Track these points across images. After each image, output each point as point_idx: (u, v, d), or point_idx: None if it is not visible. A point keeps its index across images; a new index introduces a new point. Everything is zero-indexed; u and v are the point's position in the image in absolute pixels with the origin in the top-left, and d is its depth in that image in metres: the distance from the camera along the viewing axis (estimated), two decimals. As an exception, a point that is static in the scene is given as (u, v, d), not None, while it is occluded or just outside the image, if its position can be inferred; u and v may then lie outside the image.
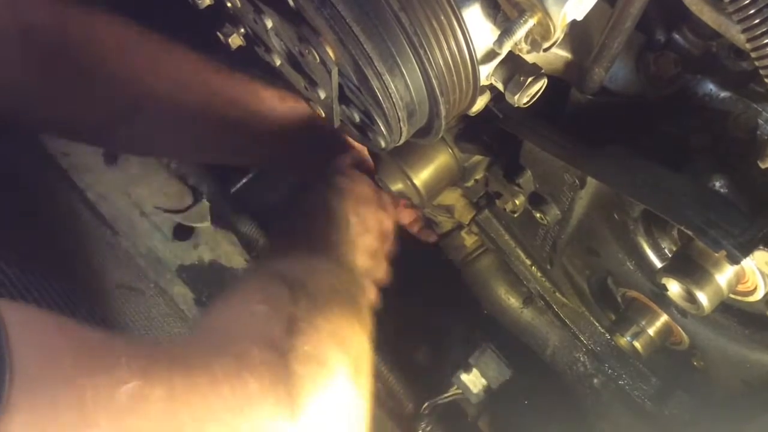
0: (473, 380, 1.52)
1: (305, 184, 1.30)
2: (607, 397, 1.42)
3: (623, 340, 1.16)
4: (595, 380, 1.44)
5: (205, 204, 1.59)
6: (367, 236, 1.22)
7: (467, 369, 1.52)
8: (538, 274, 1.43)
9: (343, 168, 1.28)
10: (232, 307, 0.95)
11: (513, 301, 1.51)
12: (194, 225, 1.57)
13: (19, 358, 0.63)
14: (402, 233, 1.44)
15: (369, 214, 1.24)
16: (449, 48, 0.78)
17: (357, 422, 0.89)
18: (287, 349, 0.83)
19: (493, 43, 0.79)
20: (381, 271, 1.26)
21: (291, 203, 1.31)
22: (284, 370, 0.81)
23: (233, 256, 1.56)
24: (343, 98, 0.86)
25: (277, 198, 1.63)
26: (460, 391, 1.53)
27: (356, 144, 1.33)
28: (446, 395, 1.56)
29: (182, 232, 1.56)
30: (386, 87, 0.77)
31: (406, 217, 1.48)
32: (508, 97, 0.88)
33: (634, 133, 1.01)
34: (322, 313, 0.92)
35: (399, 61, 0.76)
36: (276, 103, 1.29)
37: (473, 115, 0.98)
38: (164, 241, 1.54)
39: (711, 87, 0.98)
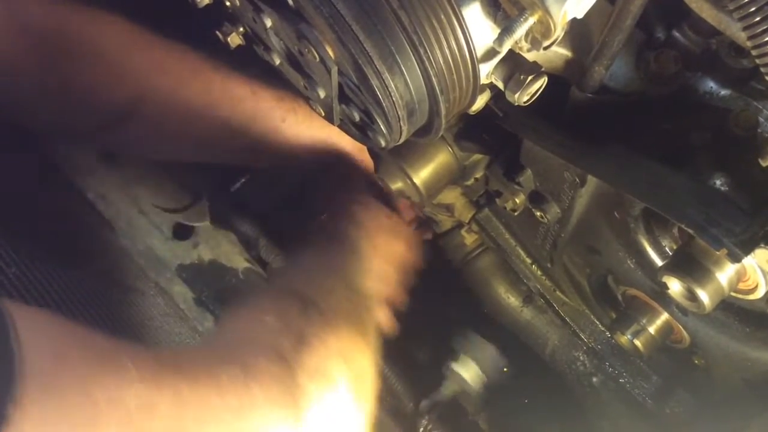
0: (472, 376, 1.52)
1: (322, 208, 1.31)
2: (607, 395, 1.42)
3: (624, 339, 1.16)
4: (595, 379, 1.44)
5: (204, 203, 1.58)
6: (381, 264, 1.23)
7: (455, 357, 1.52)
8: (539, 272, 1.42)
9: (362, 197, 1.29)
10: (243, 318, 0.96)
11: (513, 300, 1.51)
12: (194, 224, 1.57)
13: (30, 359, 0.64)
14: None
15: (385, 245, 1.26)
16: (449, 46, 0.78)
17: None
18: (295, 362, 0.84)
19: (493, 42, 0.79)
20: (396, 296, 1.28)
21: (305, 223, 1.32)
22: (291, 382, 0.82)
23: (233, 255, 1.56)
24: (342, 97, 0.86)
25: (277, 197, 1.63)
26: (460, 387, 1.53)
27: (355, 150, 1.34)
28: (444, 390, 1.55)
29: (182, 232, 1.56)
30: (386, 86, 0.77)
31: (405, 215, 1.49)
32: (508, 95, 0.88)
33: (634, 131, 1.01)
34: (332, 332, 0.93)
35: (399, 60, 0.76)
36: (274, 104, 1.29)
37: (473, 113, 0.98)
38: (164, 240, 1.54)
39: (711, 85, 0.98)
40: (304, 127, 1.30)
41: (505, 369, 1.53)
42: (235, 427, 0.75)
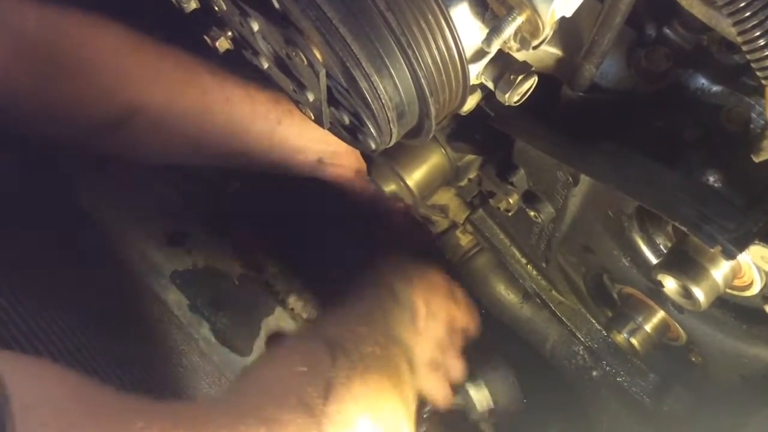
0: (481, 400, 1.48)
1: (368, 267, 1.29)
2: (606, 390, 1.42)
3: (620, 337, 1.16)
4: (594, 373, 1.43)
5: (199, 208, 1.58)
6: (437, 330, 1.21)
7: (478, 385, 1.46)
8: (534, 272, 1.42)
9: (420, 259, 1.27)
10: (270, 367, 0.95)
11: (512, 297, 1.51)
12: (188, 230, 1.56)
13: (24, 415, 0.58)
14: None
15: (441, 307, 1.23)
16: (438, 47, 0.77)
17: None
18: (321, 413, 0.83)
19: (482, 42, 0.78)
20: (453, 368, 1.26)
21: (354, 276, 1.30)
22: None
23: (228, 261, 1.55)
24: (332, 100, 0.85)
25: (274, 201, 1.62)
26: (464, 403, 1.51)
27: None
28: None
29: (176, 238, 1.55)
30: (375, 88, 0.76)
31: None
32: (498, 95, 0.87)
33: (626, 129, 1.00)
34: (361, 381, 0.91)
35: (387, 62, 0.76)
36: (270, 107, 1.29)
37: (465, 114, 0.97)
38: (158, 246, 1.53)
39: (703, 81, 0.97)
40: (300, 128, 1.30)
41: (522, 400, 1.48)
42: None
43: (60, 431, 0.62)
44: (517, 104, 0.89)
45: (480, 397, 1.46)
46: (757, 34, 0.71)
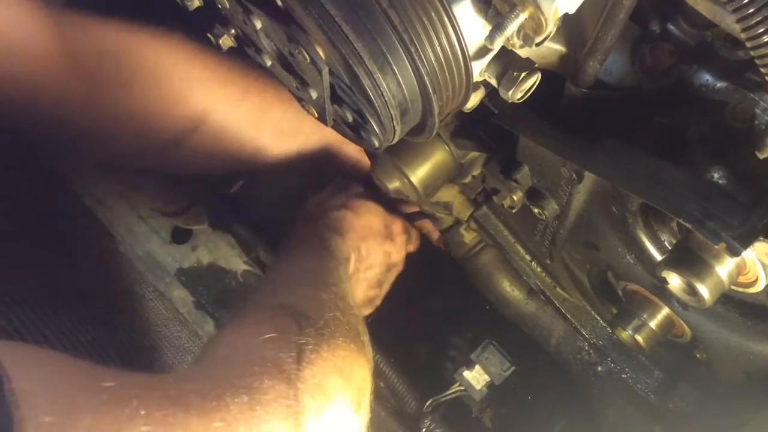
0: (476, 376, 1.52)
1: (307, 214, 1.30)
2: (611, 385, 1.41)
3: (625, 334, 1.16)
4: (600, 368, 1.43)
5: (202, 206, 1.58)
6: (369, 271, 1.24)
7: (469, 366, 1.51)
8: (538, 269, 1.42)
9: (347, 200, 1.28)
10: (241, 336, 0.95)
11: (517, 293, 1.51)
12: (192, 227, 1.56)
13: (28, 409, 0.59)
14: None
15: (373, 249, 1.26)
16: (440, 45, 0.77)
17: None
18: (297, 379, 0.84)
19: (485, 39, 0.78)
20: (383, 294, 1.30)
21: (290, 231, 1.31)
22: (294, 402, 0.82)
23: (231, 257, 1.55)
24: (335, 98, 0.85)
25: (277, 199, 1.62)
26: (463, 387, 1.53)
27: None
28: (449, 392, 1.55)
29: (180, 235, 1.55)
30: (378, 85, 0.76)
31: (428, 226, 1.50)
32: (501, 92, 0.87)
33: (630, 125, 1.00)
34: (328, 346, 0.92)
35: (390, 59, 0.76)
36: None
37: (468, 111, 0.97)
38: (162, 244, 1.53)
39: (707, 77, 0.97)
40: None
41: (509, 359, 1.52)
42: None
43: (64, 424, 0.63)
44: (521, 101, 0.89)
45: (475, 374, 1.49)
46: (761, 30, 0.70)
